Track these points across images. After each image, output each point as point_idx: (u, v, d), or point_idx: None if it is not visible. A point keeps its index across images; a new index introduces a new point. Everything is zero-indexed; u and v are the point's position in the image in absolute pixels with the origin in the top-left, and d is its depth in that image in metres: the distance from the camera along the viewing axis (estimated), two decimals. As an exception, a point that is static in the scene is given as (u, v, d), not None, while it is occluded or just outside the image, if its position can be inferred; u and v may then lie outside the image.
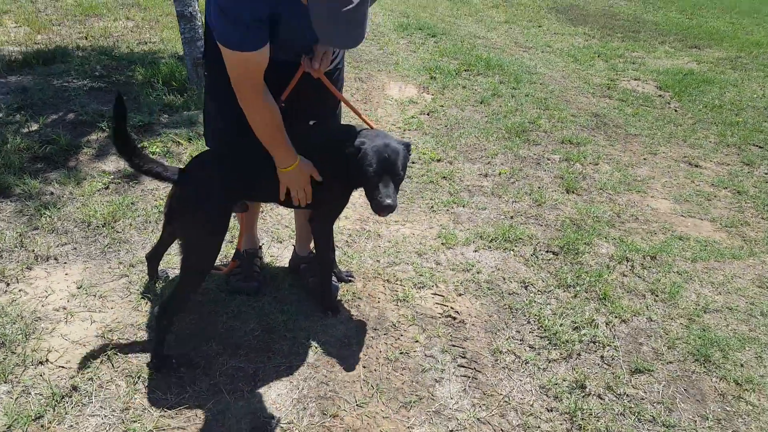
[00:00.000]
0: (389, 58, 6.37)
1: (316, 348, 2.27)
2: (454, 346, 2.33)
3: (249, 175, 2.10)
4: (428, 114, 4.91)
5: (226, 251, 2.78)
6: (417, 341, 2.34)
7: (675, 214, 3.57)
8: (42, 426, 1.85)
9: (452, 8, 9.46)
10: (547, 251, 3.02)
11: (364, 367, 2.19)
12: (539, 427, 2.00)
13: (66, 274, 2.56)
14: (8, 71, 4.52)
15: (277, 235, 2.98)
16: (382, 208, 2.00)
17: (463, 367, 2.23)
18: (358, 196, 3.37)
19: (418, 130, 4.55)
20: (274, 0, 1.66)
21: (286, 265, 2.74)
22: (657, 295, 2.73)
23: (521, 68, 6.32)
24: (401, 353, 2.27)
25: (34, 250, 2.67)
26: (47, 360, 2.10)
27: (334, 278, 2.59)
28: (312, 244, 2.52)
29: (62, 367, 2.08)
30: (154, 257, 2.48)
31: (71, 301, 2.40)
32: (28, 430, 1.83)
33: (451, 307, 2.55)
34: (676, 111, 5.53)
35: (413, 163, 3.97)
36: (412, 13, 8.57)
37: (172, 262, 2.66)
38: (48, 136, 3.60)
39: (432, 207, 3.41)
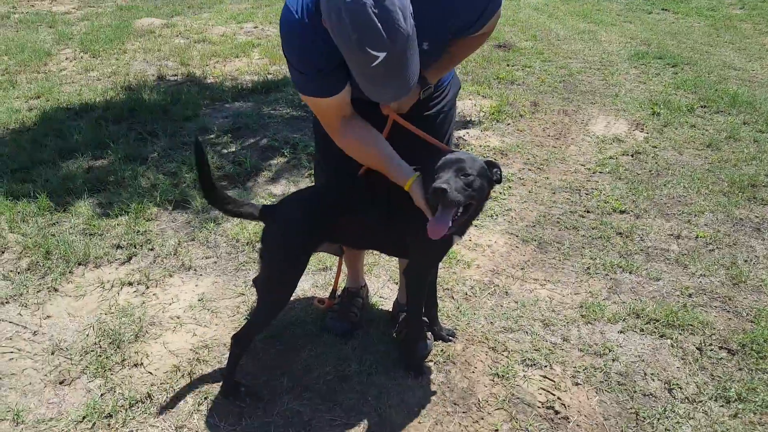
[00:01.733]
0: (609, 89, 5.66)
1: (380, 411, 2.01)
2: (540, 450, 1.84)
3: (336, 217, 1.99)
4: (632, 155, 4.18)
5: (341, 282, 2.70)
6: (497, 430, 1.91)
7: None
8: (109, 425, 1.99)
9: (710, 35, 8.04)
10: (720, 347, 2.24)
11: (418, 449, 1.87)
12: None
13: (196, 285, 2.77)
14: (236, 98, 5.25)
15: (394, 275, 2.80)
16: (432, 191, 1.67)
17: (540, 483, 1.73)
18: (495, 242, 3.00)
19: (611, 173, 3.89)
20: (332, 51, 1.55)
21: (390, 310, 2.54)
22: None
23: (781, 106, 5.00)
24: (469, 443, 1.87)
25: (182, 260, 2.97)
26: (141, 363, 2.27)
27: (430, 335, 2.31)
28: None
29: (150, 372, 2.23)
30: (260, 282, 2.54)
31: (187, 311, 2.58)
32: (96, 426, 1.99)
33: (559, 398, 2.03)
34: None
35: (588, 212, 3.39)
36: (655, 40, 7.52)
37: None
38: (239, 158, 4.04)
39: (588, 268, 2.83)
